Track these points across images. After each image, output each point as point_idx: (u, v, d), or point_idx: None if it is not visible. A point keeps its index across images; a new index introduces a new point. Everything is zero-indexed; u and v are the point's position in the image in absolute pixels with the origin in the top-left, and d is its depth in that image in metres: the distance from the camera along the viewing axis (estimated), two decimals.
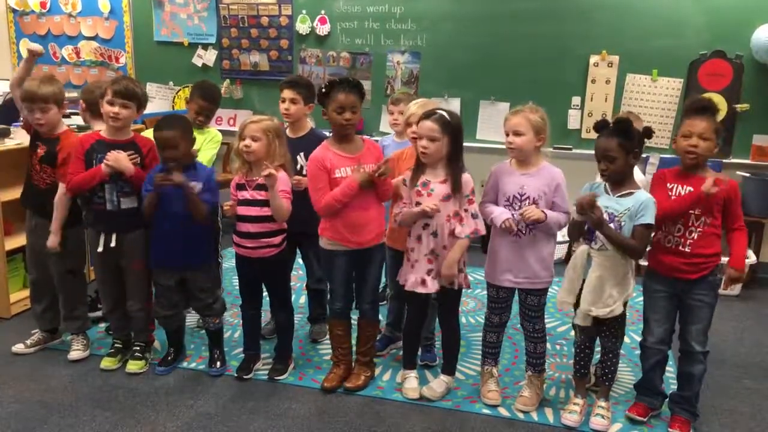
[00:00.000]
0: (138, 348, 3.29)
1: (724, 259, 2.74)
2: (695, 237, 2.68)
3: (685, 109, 2.82)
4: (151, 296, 3.29)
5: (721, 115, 4.44)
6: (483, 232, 2.83)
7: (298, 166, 3.24)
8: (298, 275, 4.00)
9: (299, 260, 3.59)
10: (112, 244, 3.11)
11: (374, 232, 2.97)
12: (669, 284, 2.77)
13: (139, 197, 3.07)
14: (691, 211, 2.68)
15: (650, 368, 2.88)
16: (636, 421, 2.86)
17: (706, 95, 2.99)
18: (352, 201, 2.86)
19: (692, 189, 2.67)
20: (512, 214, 2.81)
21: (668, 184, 2.75)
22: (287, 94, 3.34)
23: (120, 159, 3.00)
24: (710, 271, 2.71)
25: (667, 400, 2.93)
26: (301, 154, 3.25)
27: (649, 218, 2.63)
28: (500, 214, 2.82)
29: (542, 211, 2.77)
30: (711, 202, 2.63)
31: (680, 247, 2.71)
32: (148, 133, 3.33)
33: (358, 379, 3.09)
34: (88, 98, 3.41)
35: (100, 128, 3.20)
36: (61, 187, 3.16)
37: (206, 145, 3.50)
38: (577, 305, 2.77)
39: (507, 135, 2.83)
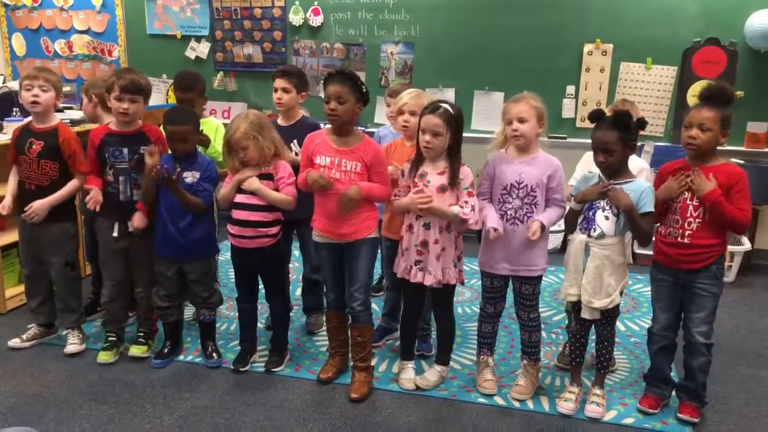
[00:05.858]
0: (142, 334, 3.34)
1: (730, 248, 2.70)
2: (694, 228, 2.65)
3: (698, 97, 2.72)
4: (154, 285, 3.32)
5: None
6: (472, 222, 2.76)
7: (293, 153, 3.24)
8: (294, 267, 4.00)
9: (295, 251, 3.59)
10: (130, 230, 3.16)
11: (355, 226, 2.87)
12: (672, 274, 2.76)
13: None
14: (689, 202, 2.66)
15: (656, 354, 2.87)
16: (648, 414, 2.84)
17: (719, 83, 2.72)
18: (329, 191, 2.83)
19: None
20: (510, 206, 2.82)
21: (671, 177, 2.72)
22: (279, 83, 3.35)
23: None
24: (713, 261, 2.68)
25: (675, 389, 2.91)
26: (294, 141, 3.27)
27: (650, 206, 2.64)
28: (491, 220, 2.81)
29: (540, 223, 2.77)
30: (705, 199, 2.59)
31: (678, 239, 2.68)
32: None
33: (362, 387, 2.98)
34: (101, 93, 3.40)
35: (109, 121, 3.25)
36: (76, 182, 3.23)
37: (217, 140, 3.47)
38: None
39: (510, 123, 2.80)
